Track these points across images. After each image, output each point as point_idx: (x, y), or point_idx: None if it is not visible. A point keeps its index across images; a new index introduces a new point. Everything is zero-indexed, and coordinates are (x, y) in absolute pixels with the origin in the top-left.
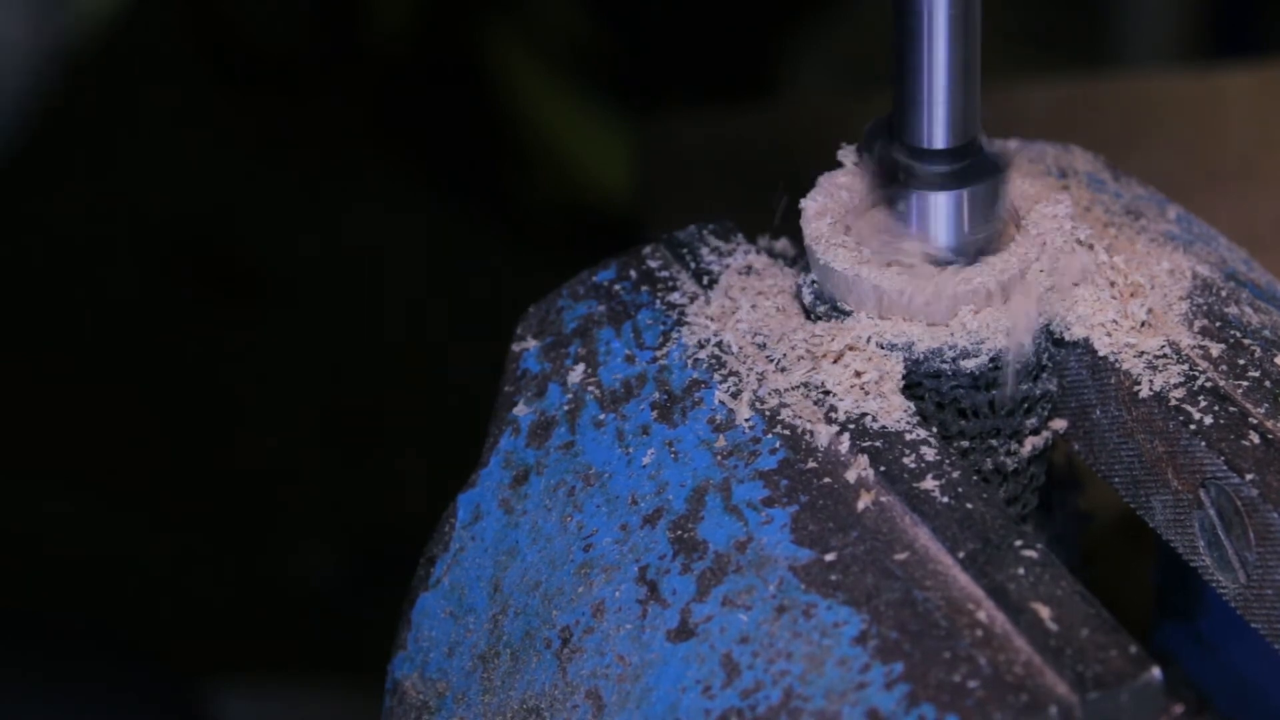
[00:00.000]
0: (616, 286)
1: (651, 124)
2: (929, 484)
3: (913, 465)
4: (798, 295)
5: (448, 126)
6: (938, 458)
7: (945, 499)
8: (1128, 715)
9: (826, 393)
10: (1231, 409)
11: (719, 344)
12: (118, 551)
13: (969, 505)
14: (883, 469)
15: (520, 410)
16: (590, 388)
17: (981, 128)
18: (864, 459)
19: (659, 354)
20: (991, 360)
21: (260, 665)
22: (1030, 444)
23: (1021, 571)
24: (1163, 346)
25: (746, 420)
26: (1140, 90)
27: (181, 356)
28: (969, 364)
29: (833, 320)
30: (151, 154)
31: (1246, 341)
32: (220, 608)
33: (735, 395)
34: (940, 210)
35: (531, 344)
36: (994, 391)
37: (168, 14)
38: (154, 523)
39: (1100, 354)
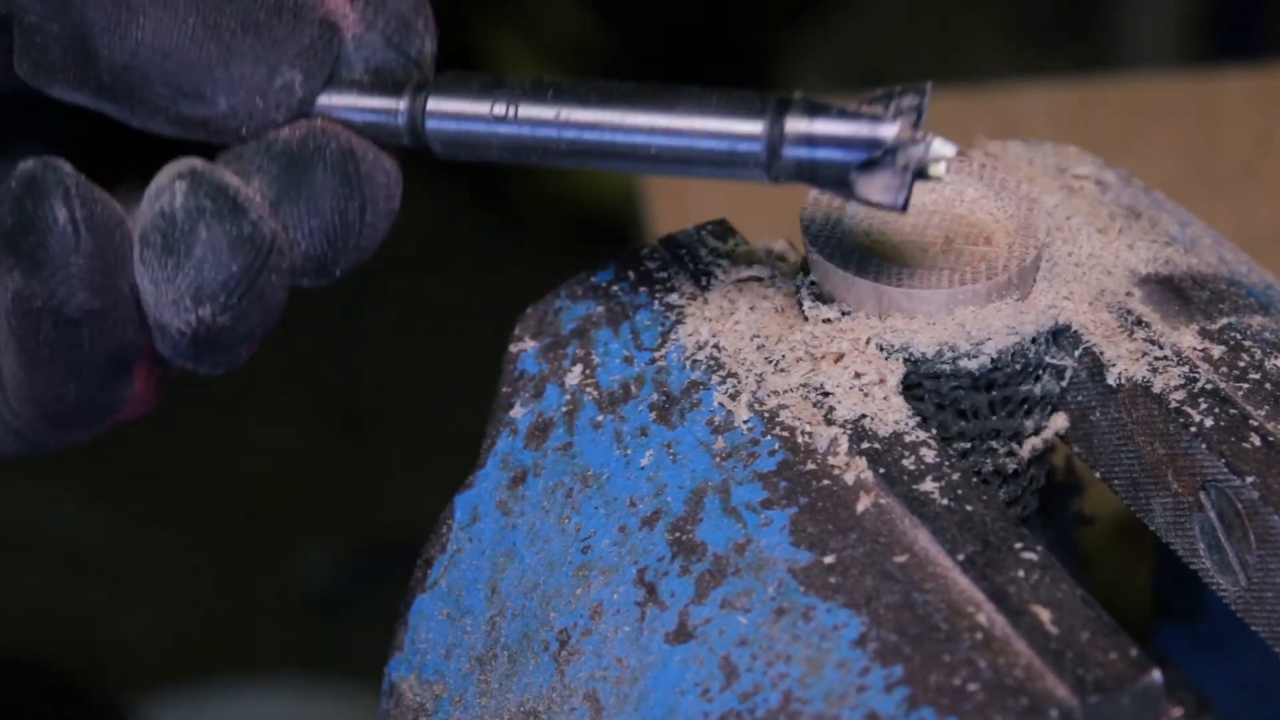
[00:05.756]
0: (615, 287)
1: None
2: (929, 486)
3: (912, 467)
4: (797, 296)
5: None
6: (937, 460)
7: (945, 501)
8: (1128, 718)
9: (826, 394)
10: (1232, 411)
11: (717, 345)
12: (116, 551)
13: (969, 507)
14: (882, 471)
15: (518, 411)
16: (588, 389)
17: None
18: (863, 461)
19: (657, 355)
20: (992, 361)
21: (260, 665)
22: (1030, 446)
23: (1022, 574)
24: (1163, 348)
25: (745, 422)
26: (1140, 91)
27: None
28: (969, 365)
29: (832, 321)
30: None
31: (1247, 344)
32: (220, 608)
33: (734, 397)
34: None
35: (529, 345)
36: (994, 392)
37: None
38: (152, 523)
39: (1100, 356)
